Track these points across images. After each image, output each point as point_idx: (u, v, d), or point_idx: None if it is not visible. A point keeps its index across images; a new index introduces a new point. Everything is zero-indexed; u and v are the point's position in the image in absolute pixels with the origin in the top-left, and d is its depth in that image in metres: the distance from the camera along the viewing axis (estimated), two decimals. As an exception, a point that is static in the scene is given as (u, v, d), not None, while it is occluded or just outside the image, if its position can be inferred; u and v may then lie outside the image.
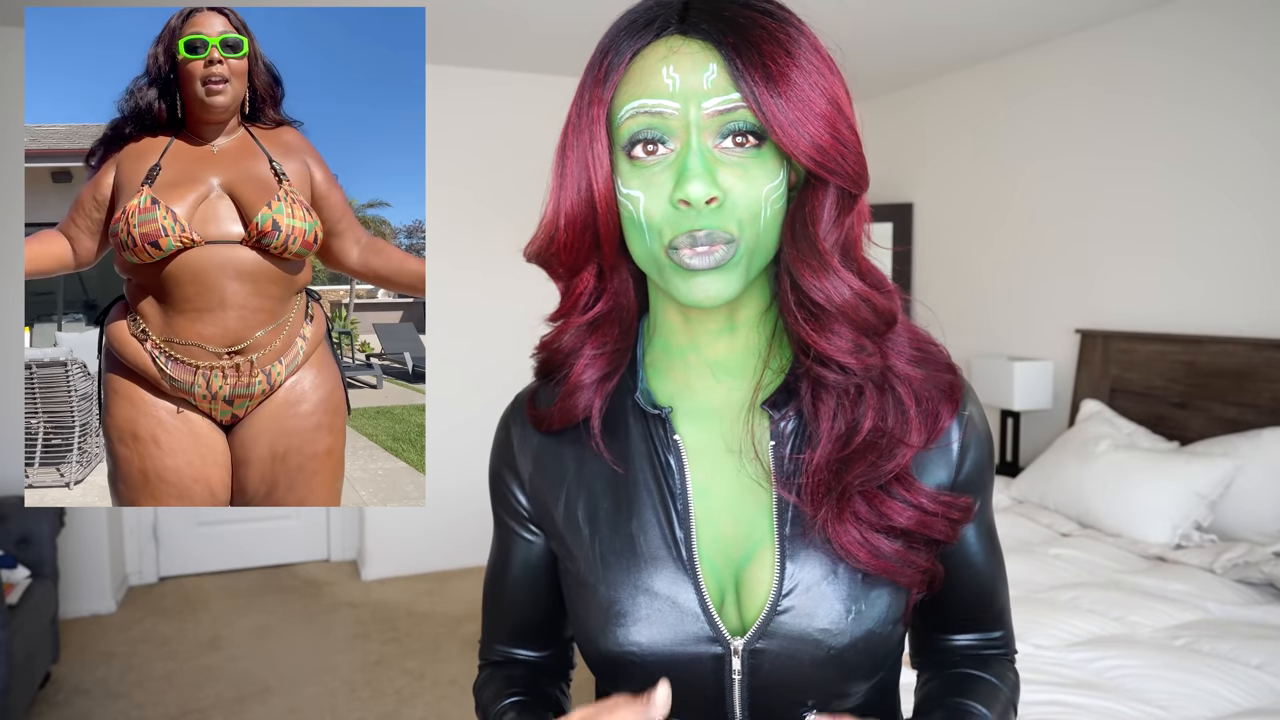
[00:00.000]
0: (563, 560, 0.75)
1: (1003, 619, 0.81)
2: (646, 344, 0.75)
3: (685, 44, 0.62)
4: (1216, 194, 2.98)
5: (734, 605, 0.69)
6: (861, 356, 0.65)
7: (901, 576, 0.67)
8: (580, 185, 0.65)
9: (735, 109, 0.61)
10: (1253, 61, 2.85)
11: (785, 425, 0.69)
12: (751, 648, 0.67)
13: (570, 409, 0.73)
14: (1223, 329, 2.95)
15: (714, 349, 0.71)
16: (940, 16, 3.27)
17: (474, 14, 3.29)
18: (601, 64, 0.65)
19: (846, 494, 0.65)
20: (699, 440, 0.72)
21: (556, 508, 0.75)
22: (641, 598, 0.68)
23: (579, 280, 0.70)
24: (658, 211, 0.62)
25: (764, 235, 0.64)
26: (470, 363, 4.14)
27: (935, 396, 0.69)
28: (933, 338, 0.72)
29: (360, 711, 2.85)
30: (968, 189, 4.05)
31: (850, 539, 0.65)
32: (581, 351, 0.72)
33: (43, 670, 2.83)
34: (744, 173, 0.62)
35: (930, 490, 0.68)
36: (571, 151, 0.66)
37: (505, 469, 0.80)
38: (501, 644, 0.85)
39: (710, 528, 0.70)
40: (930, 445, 0.68)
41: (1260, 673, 1.79)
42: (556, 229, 0.68)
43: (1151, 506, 2.61)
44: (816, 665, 0.66)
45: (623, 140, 0.63)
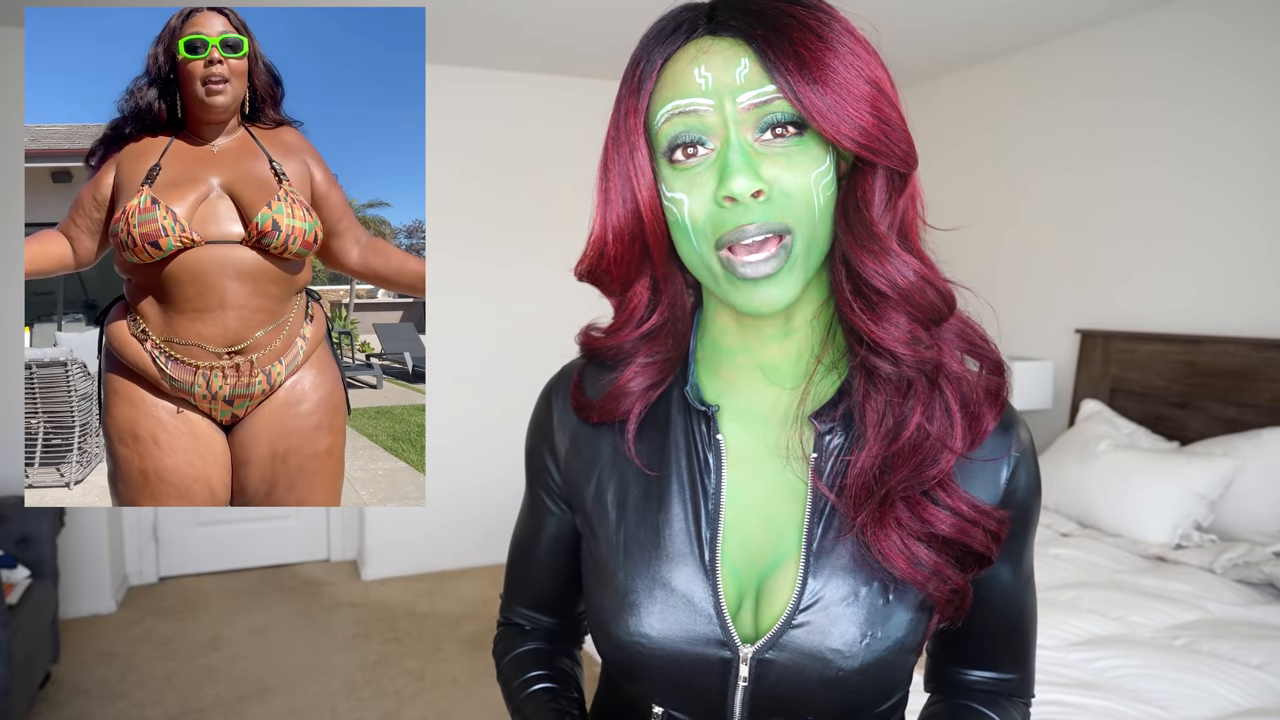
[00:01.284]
0: (586, 540, 0.75)
1: (1024, 661, 0.79)
2: (699, 338, 0.74)
3: (715, 43, 0.62)
4: (1217, 194, 2.97)
5: (751, 611, 0.68)
6: (916, 348, 0.64)
7: (934, 588, 0.65)
8: (625, 197, 0.65)
9: (771, 100, 0.60)
10: (1253, 61, 2.85)
11: (831, 440, 0.68)
12: (761, 657, 0.66)
13: (612, 410, 0.73)
14: (1223, 329, 2.95)
15: (766, 352, 0.70)
16: (940, 16, 3.27)
17: (474, 14, 3.29)
18: (634, 74, 0.65)
19: (889, 499, 0.64)
20: (741, 442, 0.71)
21: (588, 488, 0.75)
22: (658, 591, 0.68)
23: (633, 294, 0.70)
24: (702, 212, 0.62)
25: (819, 224, 0.62)
26: (470, 363, 4.14)
27: (980, 398, 0.67)
28: (985, 333, 0.70)
29: (360, 711, 2.85)
30: (968, 189, 4.05)
31: (890, 545, 0.64)
32: (634, 359, 0.72)
33: (43, 670, 2.83)
34: (789, 162, 0.61)
35: (969, 497, 0.66)
36: (614, 165, 0.66)
37: (542, 442, 0.80)
38: (522, 606, 0.87)
39: (738, 531, 0.69)
40: (973, 450, 0.67)
41: (1260, 673, 1.79)
42: (605, 244, 0.67)
43: (1151, 506, 2.60)
44: (823, 684, 0.66)
45: (662, 146, 0.63)
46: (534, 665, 0.83)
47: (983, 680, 0.79)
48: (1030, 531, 0.74)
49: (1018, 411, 0.73)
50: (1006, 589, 0.75)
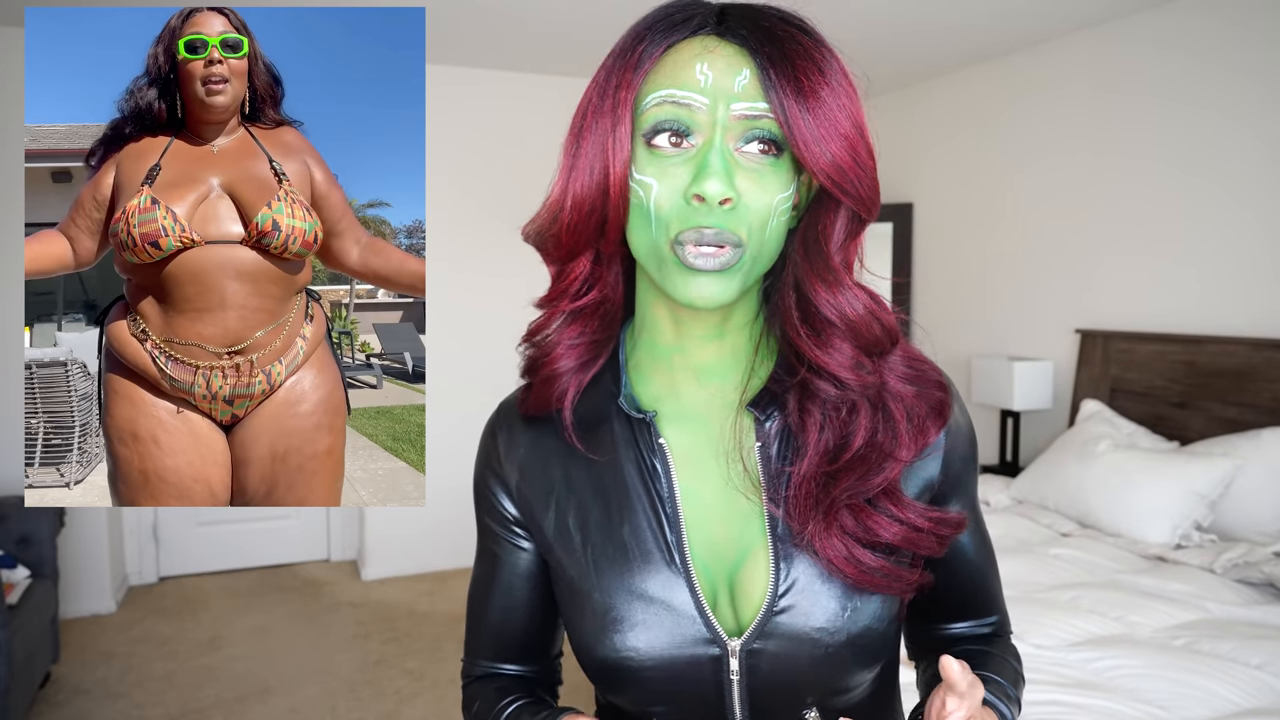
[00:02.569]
0: (555, 570, 0.75)
1: (996, 603, 0.82)
2: (630, 347, 0.75)
3: (721, 45, 0.63)
4: (1217, 193, 2.98)
5: (728, 606, 0.69)
6: (860, 374, 0.66)
7: (888, 589, 0.67)
8: (595, 168, 0.65)
9: (761, 117, 0.61)
10: (1253, 61, 2.85)
11: (770, 426, 0.70)
12: (749, 648, 0.67)
13: (545, 395, 0.74)
14: (1223, 329, 2.95)
15: (701, 353, 0.71)
16: (939, 16, 3.27)
17: (474, 14, 3.29)
18: (634, 50, 0.65)
19: (834, 507, 0.66)
20: (684, 443, 0.72)
21: (546, 517, 0.75)
22: (637, 603, 0.68)
23: (574, 265, 0.70)
24: (668, 203, 0.63)
25: (768, 243, 0.64)
26: (470, 362, 4.14)
27: (925, 412, 0.70)
28: (924, 356, 0.73)
29: (360, 711, 2.85)
30: (968, 189, 4.05)
31: (836, 553, 0.66)
32: (561, 340, 0.73)
33: (43, 670, 2.83)
34: (759, 179, 0.62)
35: (919, 506, 0.68)
36: (589, 134, 0.65)
37: (491, 476, 0.79)
38: (487, 659, 0.83)
39: (701, 530, 0.70)
40: (916, 459, 0.69)
41: (1260, 673, 1.79)
42: (562, 209, 0.67)
43: (1151, 506, 2.60)
44: (814, 663, 0.67)
45: (644, 127, 0.63)
46: (507, 694, 0.79)
47: (964, 629, 0.81)
48: (975, 481, 0.77)
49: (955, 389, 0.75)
50: (963, 546, 0.78)
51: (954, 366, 3.94)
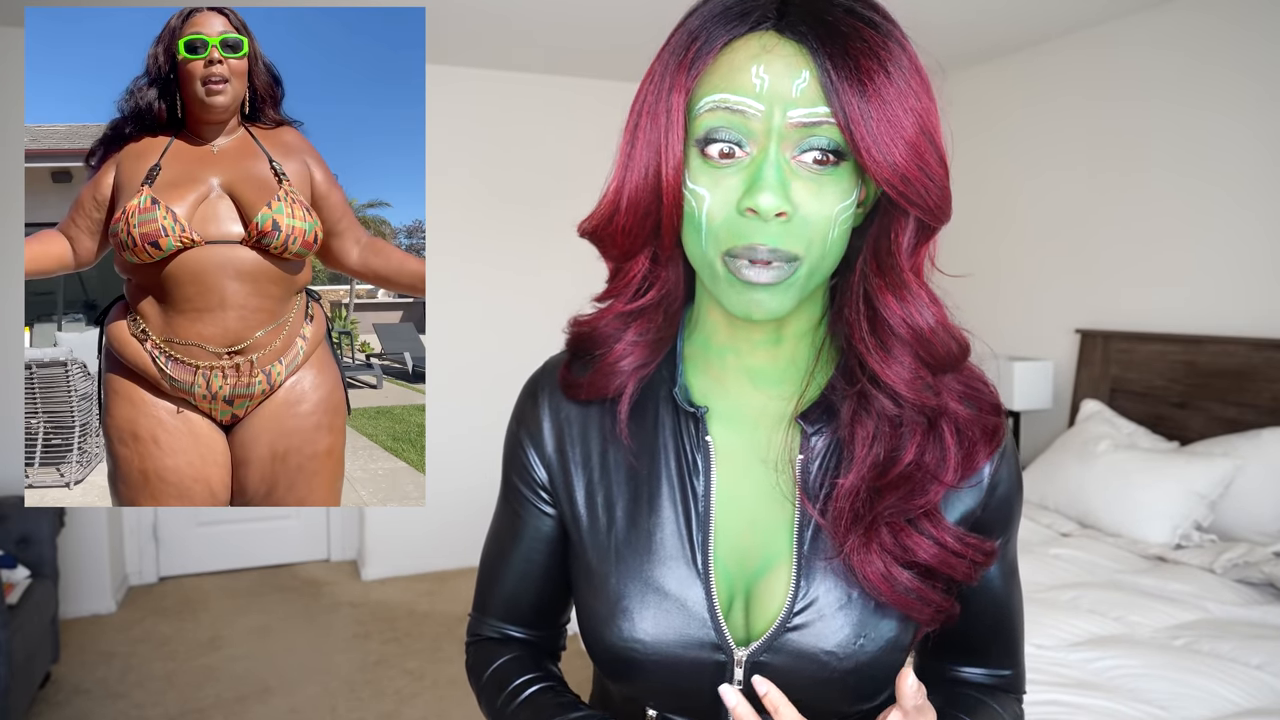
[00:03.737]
0: (574, 546, 0.74)
1: (1014, 657, 0.79)
2: (687, 336, 0.73)
3: (780, 43, 0.59)
4: (1217, 193, 2.97)
5: (742, 614, 0.68)
6: (918, 390, 0.64)
7: (917, 612, 0.66)
8: (649, 170, 0.62)
9: (820, 124, 0.58)
10: (1253, 61, 2.85)
11: (818, 442, 0.68)
12: (755, 659, 0.66)
13: (604, 387, 0.71)
14: (1223, 329, 2.95)
15: (755, 357, 0.69)
16: (939, 16, 3.27)
17: (474, 14, 3.29)
18: (690, 48, 0.61)
19: (875, 524, 0.64)
20: (729, 444, 0.70)
21: (576, 489, 0.73)
22: (651, 595, 0.67)
23: (633, 264, 0.68)
24: (720, 215, 0.60)
25: (828, 255, 0.61)
26: (470, 362, 4.14)
27: (976, 437, 0.67)
28: (985, 377, 0.71)
29: (360, 711, 2.85)
30: (968, 189, 4.05)
31: (874, 570, 0.64)
32: (623, 337, 0.70)
33: (43, 670, 2.83)
34: (818, 189, 0.59)
35: (956, 530, 0.66)
36: (643, 133, 0.62)
37: (525, 434, 0.76)
38: (496, 619, 0.82)
39: (729, 534, 0.69)
40: (963, 482, 0.67)
41: (1260, 673, 1.79)
42: (618, 210, 0.65)
43: (1151, 506, 2.60)
44: (817, 684, 0.66)
45: (698, 132, 0.60)
46: (521, 671, 0.78)
47: (975, 675, 0.79)
48: (1014, 527, 0.75)
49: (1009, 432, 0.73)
50: (994, 587, 0.75)
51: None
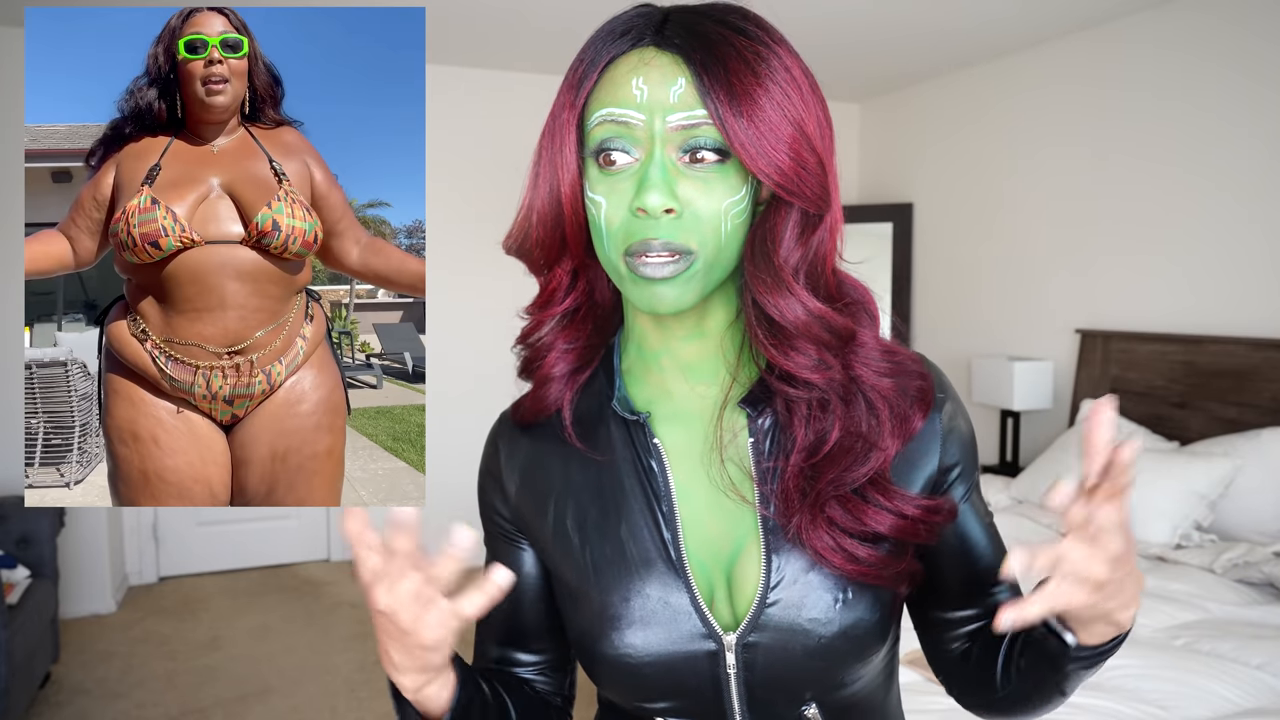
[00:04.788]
0: (554, 571, 0.76)
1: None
2: (624, 352, 0.77)
3: (658, 56, 0.63)
4: (1217, 193, 2.98)
5: (725, 601, 0.70)
6: (824, 371, 0.66)
7: (880, 580, 0.67)
8: (551, 185, 0.67)
9: (699, 125, 0.62)
10: (1253, 61, 2.85)
11: (764, 421, 0.70)
12: (744, 641, 0.68)
13: (542, 400, 0.75)
14: (1223, 329, 2.95)
15: (685, 352, 0.72)
16: (940, 16, 3.27)
17: (474, 14, 3.29)
18: (577, 70, 0.67)
19: (820, 500, 0.66)
20: (678, 443, 0.73)
21: (545, 519, 0.75)
22: (635, 601, 0.69)
23: (554, 274, 0.73)
24: (617, 218, 0.64)
25: (725, 248, 0.65)
26: (470, 362, 4.14)
27: (906, 402, 0.69)
28: (898, 346, 0.72)
29: (360, 711, 2.85)
30: (968, 189, 4.05)
31: (824, 545, 0.66)
32: (555, 345, 0.75)
33: (43, 670, 2.83)
34: (705, 186, 0.63)
35: (909, 495, 0.68)
36: (545, 153, 0.68)
37: (489, 480, 0.81)
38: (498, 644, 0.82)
39: (696, 527, 0.71)
40: (902, 447, 0.69)
41: (1260, 673, 1.79)
42: (530, 225, 0.70)
43: (1151, 506, 2.60)
44: (809, 655, 0.67)
45: (592, 145, 0.65)
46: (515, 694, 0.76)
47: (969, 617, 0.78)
48: (977, 466, 0.76)
49: (942, 376, 0.75)
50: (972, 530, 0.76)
51: (954, 366, 3.94)
